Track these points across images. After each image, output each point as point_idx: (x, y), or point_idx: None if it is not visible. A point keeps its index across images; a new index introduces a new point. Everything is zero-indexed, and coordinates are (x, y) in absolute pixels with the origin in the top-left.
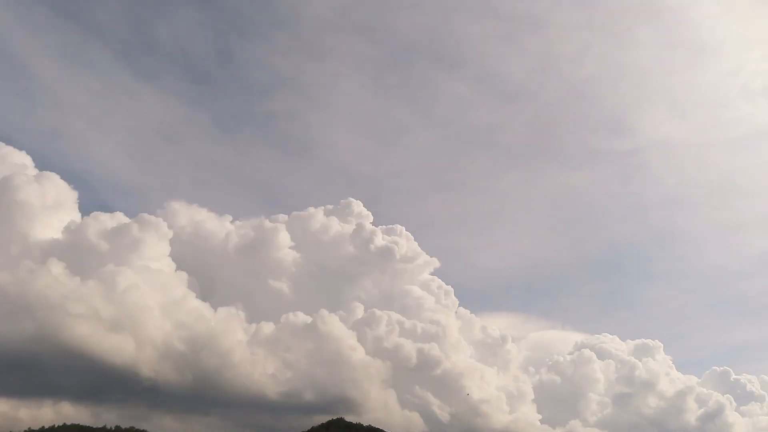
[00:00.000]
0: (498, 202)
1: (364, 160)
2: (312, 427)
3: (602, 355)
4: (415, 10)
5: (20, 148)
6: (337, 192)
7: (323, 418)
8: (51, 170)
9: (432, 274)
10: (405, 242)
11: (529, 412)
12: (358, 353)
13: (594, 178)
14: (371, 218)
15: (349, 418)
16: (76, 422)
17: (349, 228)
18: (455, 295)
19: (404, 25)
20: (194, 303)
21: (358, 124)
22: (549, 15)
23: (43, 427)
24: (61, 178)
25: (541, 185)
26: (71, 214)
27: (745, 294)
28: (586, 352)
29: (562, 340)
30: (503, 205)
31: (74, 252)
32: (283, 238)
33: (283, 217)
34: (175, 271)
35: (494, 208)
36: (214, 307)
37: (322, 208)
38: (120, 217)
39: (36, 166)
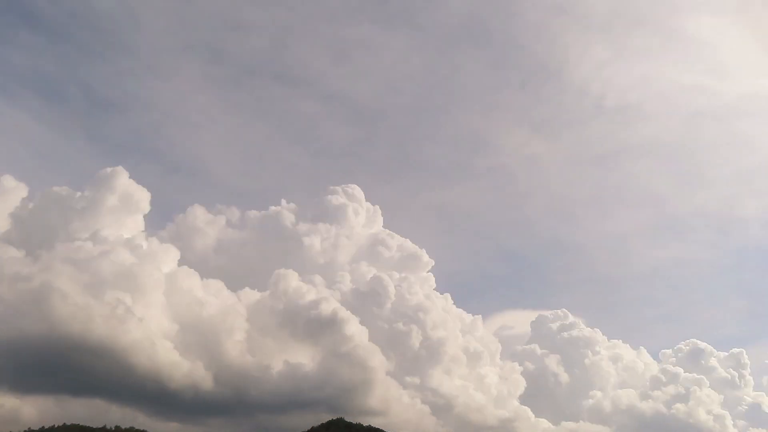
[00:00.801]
0: None
1: (238, 177)
2: (312, 427)
3: None
4: (252, 33)
5: None
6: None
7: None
8: None
9: None
10: None
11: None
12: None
13: (469, 193)
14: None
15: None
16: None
17: None
18: None
19: (244, 46)
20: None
21: (223, 142)
22: (381, 39)
23: (43, 427)
24: None
25: (418, 199)
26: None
27: (644, 301)
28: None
29: None
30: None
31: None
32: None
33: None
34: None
35: None
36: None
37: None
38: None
39: None
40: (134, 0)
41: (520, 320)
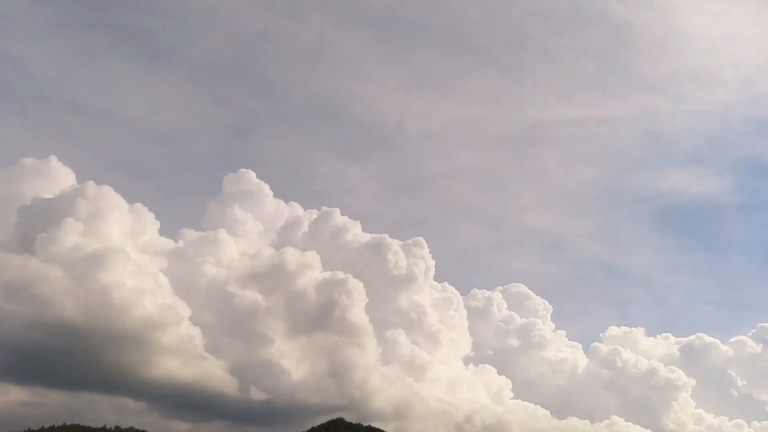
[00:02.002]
0: None
1: None
2: (312, 427)
3: None
4: (25, 65)
5: None
6: None
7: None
8: None
9: None
10: None
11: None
12: None
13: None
14: None
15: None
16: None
17: None
18: None
19: (20, 78)
20: None
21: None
22: (158, 71)
23: (43, 426)
24: None
25: None
26: None
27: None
28: None
29: None
30: None
31: None
32: None
33: None
34: None
35: None
36: None
37: None
38: None
39: None
40: None
41: None
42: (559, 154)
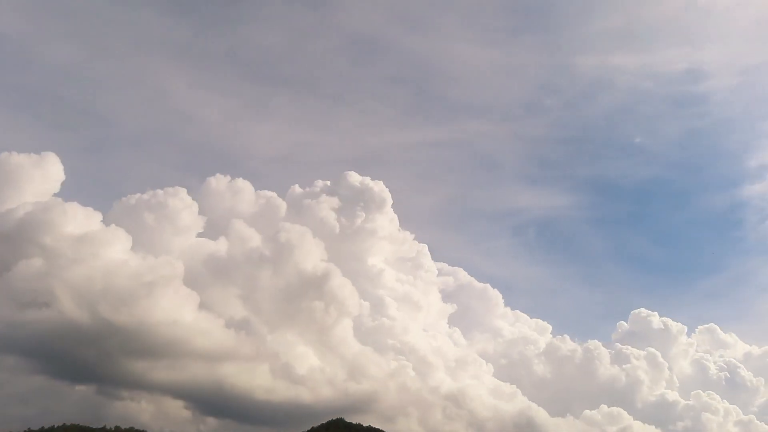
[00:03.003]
0: None
1: None
2: (312, 427)
3: None
4: None
5: None
6: None
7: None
8: None
9: None
10: None
11: None
12: None
13: None
14: None
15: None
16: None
17: None
18: None
19: None
20: None
21: None
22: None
23: (42, 427)
24: None
25: None
26: None
27: None
28: None
29: None
30: None
31: None
32: None
33: None
34: None
35: None
36: None
37: None
38: None
39: None
40: None
41: None
42: (405, 176)
